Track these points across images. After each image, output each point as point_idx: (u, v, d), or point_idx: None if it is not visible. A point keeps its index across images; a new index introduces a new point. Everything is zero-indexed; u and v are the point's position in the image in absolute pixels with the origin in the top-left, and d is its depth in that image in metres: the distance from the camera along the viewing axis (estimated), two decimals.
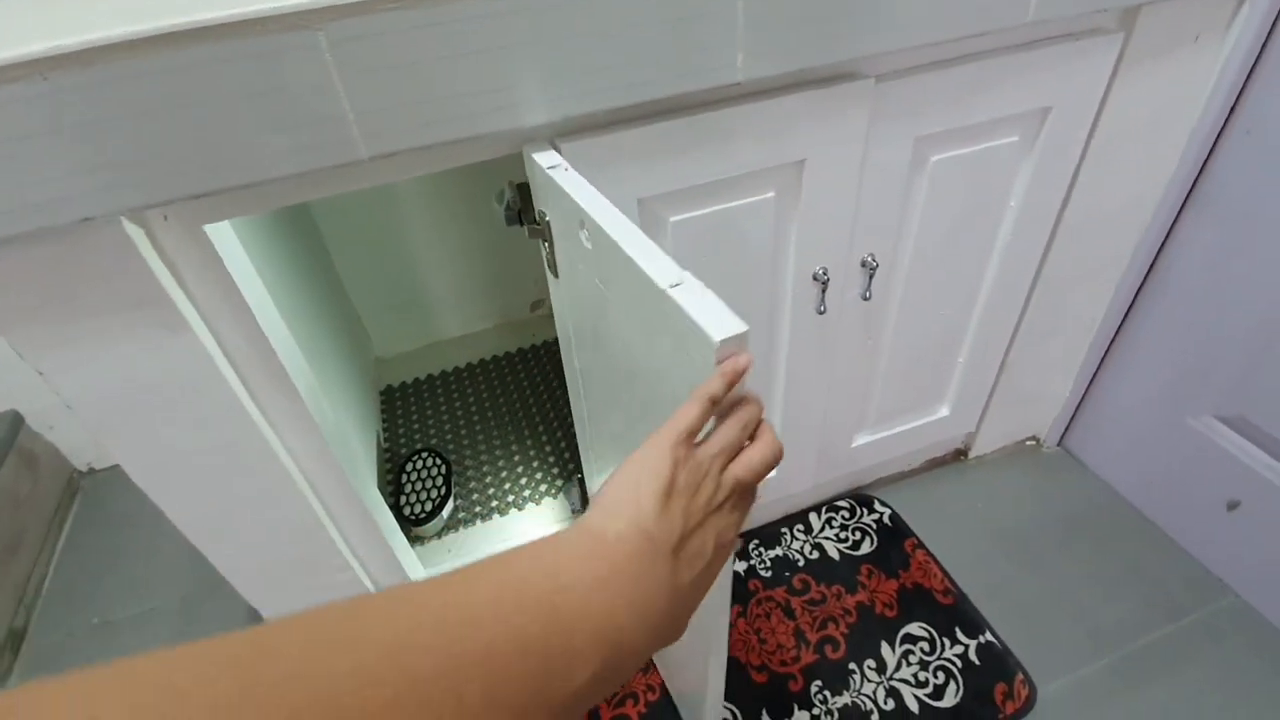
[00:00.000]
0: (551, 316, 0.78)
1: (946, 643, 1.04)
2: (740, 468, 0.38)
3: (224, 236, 0.62)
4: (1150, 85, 0.86)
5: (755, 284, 0.83)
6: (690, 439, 0.37)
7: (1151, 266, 1.06)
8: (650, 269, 0.44)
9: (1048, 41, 0.77)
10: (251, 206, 0.60)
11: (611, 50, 0.57)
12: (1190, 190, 0.97)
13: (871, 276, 0.87)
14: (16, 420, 1.36)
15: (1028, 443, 1.35)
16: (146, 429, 0.64)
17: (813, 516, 1.24)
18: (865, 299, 0.89)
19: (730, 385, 0.38)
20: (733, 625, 1.09)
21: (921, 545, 1.18)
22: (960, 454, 1.33)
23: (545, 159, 0.61)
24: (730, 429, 0.38)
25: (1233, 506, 1.05)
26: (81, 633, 1.24)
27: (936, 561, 1.15)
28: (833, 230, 0.81)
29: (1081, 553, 1.17)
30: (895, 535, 1.19)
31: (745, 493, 0.38)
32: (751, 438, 0.39)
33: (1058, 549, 1.18)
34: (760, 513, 1.21)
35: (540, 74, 0.57)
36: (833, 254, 0.84)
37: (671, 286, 0.42)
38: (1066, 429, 1.31)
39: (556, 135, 0.64)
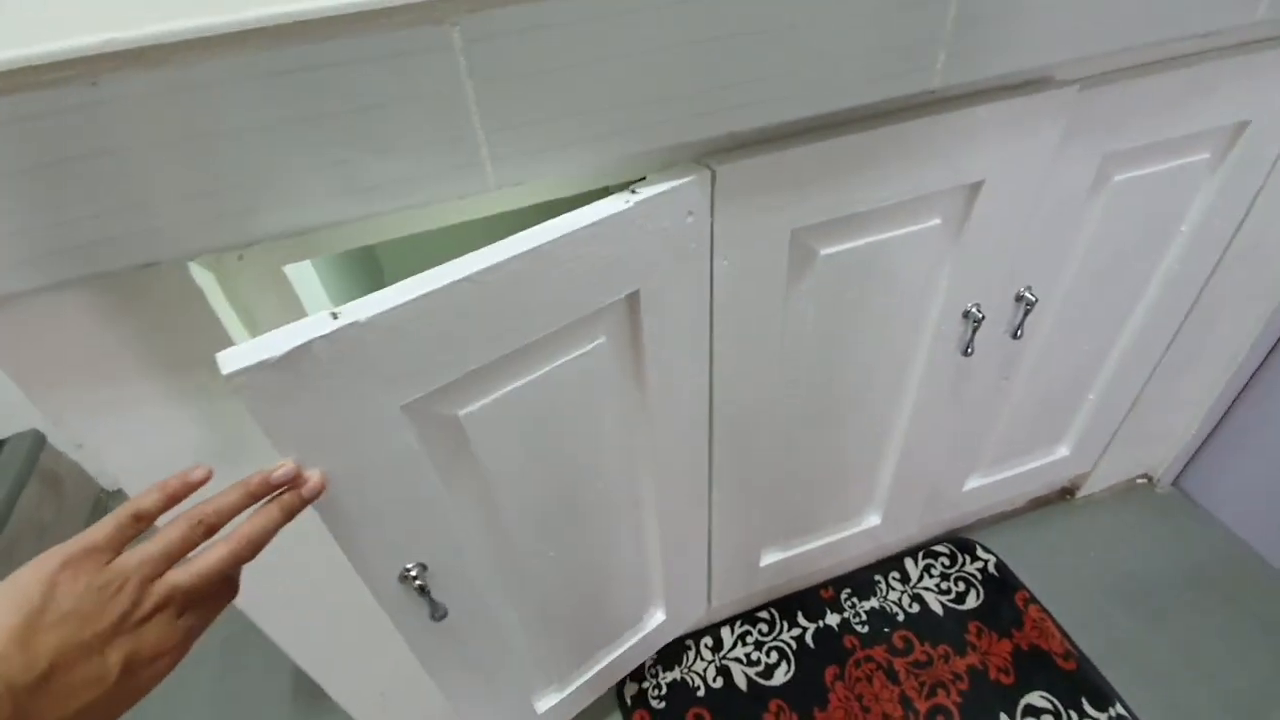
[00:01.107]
0: None
1: (1074, 715, 0.93)
2: (181, 574, 0.34)
3: (304, 276, 0.50)
4: None
5: (893, 323, 0.71)
6: (93, 556, 0.32)
7: None
8: None
9: (1267, 44, 0.65)
10: (341, 242, 0.49)
11: (795, 52, 0.46)
12: None
13: (1027, 313, 0.75)
14: (38, 441, 1.26)
15: (1139, 481, 1.23)
16: None
17: (909, 563, 1.12)
18: (1016, 337, 0.77)
19: (171, 501, 0.36)
20: (830, 689, 0.98)
21: (1034, 599, 1.06)
22: (1067, 493, 1.21)
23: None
24: (168, 534, 0.35)
25: None
26: None
27: (1052, 618, 1.04)
28: (994, 263, 0.69)
29: (1211, 607, 1.05)
30: (1003, 587, 1.08)
31: (190, 597, 0.35)
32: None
33: (1182, 603, 1.06)
34: (849, 558, 1.10)
35: (705, 80, 0.45)
36: (989, 289, 0.72)
37: None
38: (1184, 468, 1.19)
39: (705, 154, 0.52)
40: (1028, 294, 0.74)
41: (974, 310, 0.72)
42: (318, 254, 0.49)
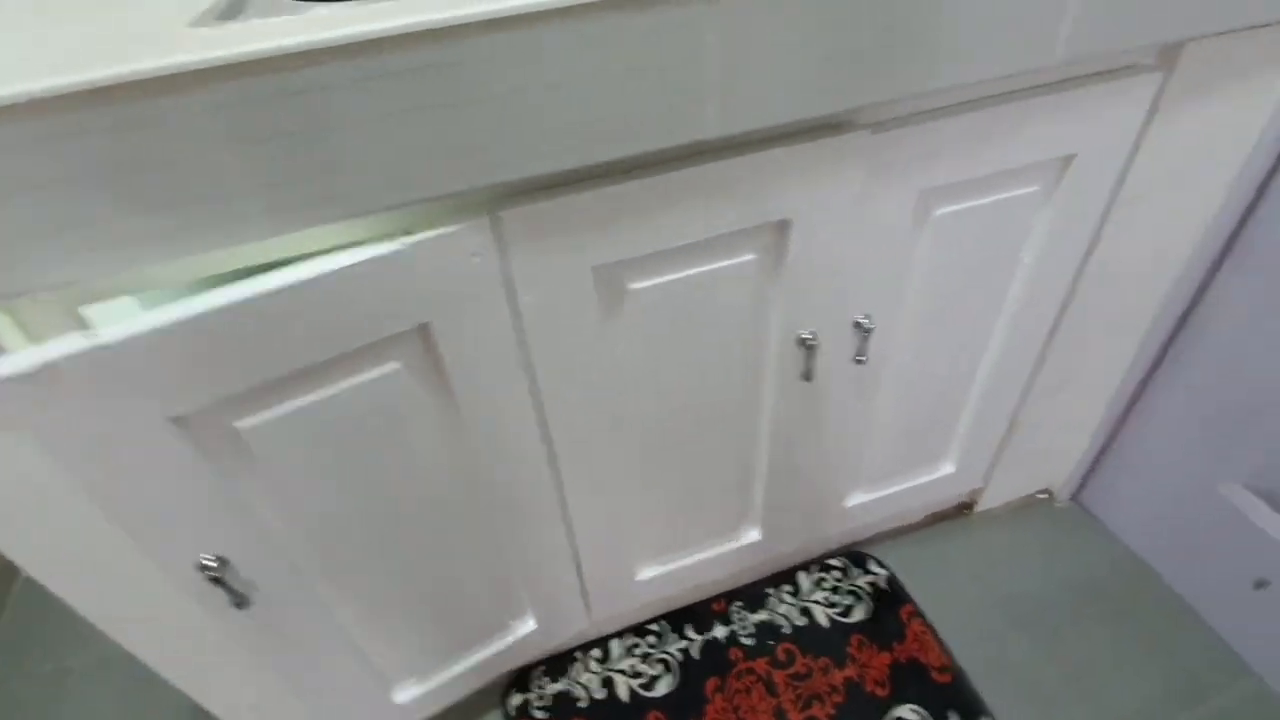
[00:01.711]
0: None
1: None
2: None
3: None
4: (1191, 127, 0.75)
5: (732, 350, 0.73)
6: None
7: (1183, 321, 0.96)
8: None
9: (1075, 83, 0.67)
10: (147, 282, 0.51)
11: (573, 106, 0.48)
12: (1230, 241, 0.86)
13: (866, 339, 0.78)
14: None
15: (1039, 496, 1.25)
16: None
17: (802, 576, 1.14)
18: (859, 362, 0.80)
19: None
20: (709, 700, 1.00)
21: (919, 614, 1.08)
22: (965, 508, 1.24)
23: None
24: None
25: (1260, 585, 0.95)
26: (35, 680, 1.17)
27: (934, 633, 1.06)
28: (821, 293, 0.72)
29: (1097, 623, 1.07)
30: (891, 601, 1.10)
31: None
32: None
33: (1071, 619, 1.08)
34: (744, 571, 1.12)
35: (466, 138, 0.47)
36: (821, 317, 0.74)
37: None
38: (1082, 484, 1.21)
39: (495, 200, 0.55)
40: (865, 321, 0.76)
41: (808, 337, 0.74)
42: (121, 294, 0.51)
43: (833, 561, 1.16)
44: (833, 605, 1.10)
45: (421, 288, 0.53)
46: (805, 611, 1.10)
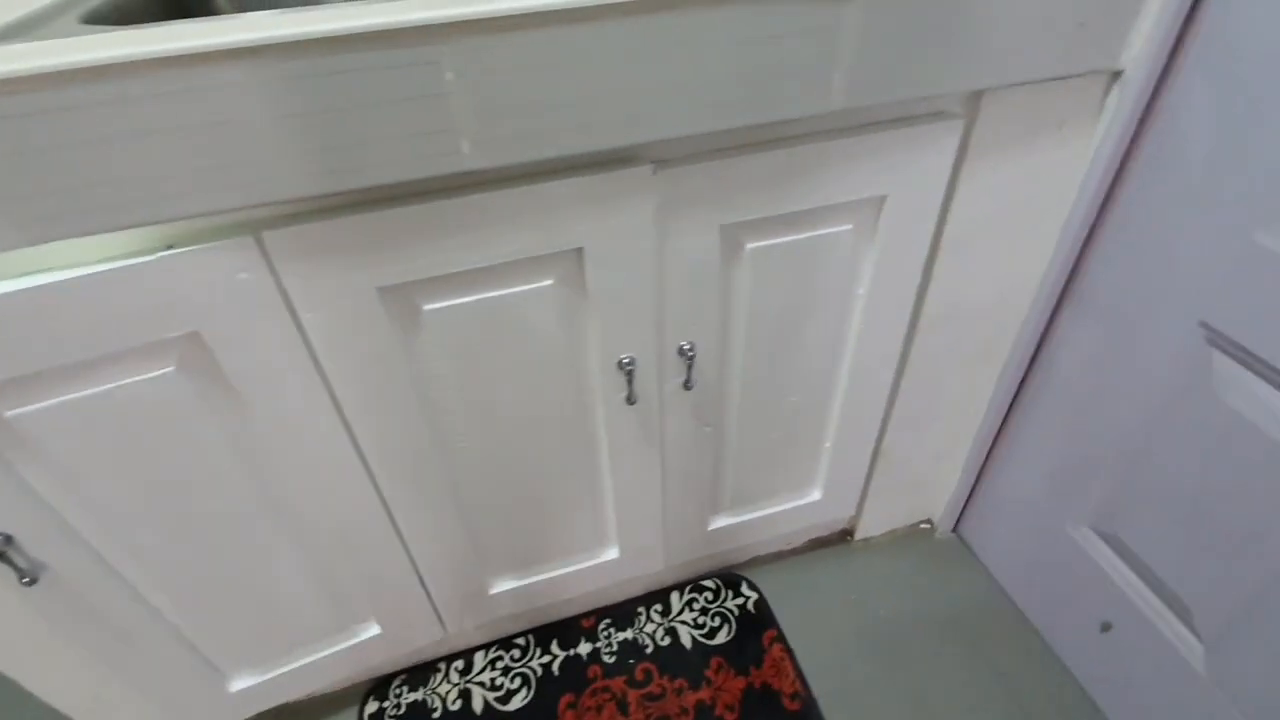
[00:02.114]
0: None
1: None
2: None
3: None
4: (1008, 175, 0.77)
5: (554, 372, 0.75)
6: None
7: (1034, 359, 0.98)
8: None
9: (875, 127, 0.69)
10: None
11: (314, 135, 0.50)
12: (1065, 287, 0.89)
13: (690, 366, 0.80)
14: None
15: (922, 526, 1.27)
16: None
17: (674, 596, 1.16)
18: (688, 388, 0.82)
19: None
20: (560, 717, 1.01)
21: (781, 639, 1.09)
22: (846, 535, 1.25)
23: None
24: None
25: (1105, 628, 0.96)
26: None
27: (793, 658, 1.07)
28: (635, 319, 0.74)
29: (954, 655, 1.08)
30: (756, 625, 1.11)
31: None
32: None
33: (929, 649, 1.09)
34: (617, 589, 1.13)
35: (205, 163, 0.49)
36: (639, 343, 0.76)
37: None
38: (960, 516, 1.23)
39: (265, 221, 0.57)
40: (687, 348, 0.79)
41: (626, 362, 0.76)
42: None
43: (706, 582, 1.17)
44: (699, 626, 1.11)
45: (189, 298, 0.56)
46: (671, 631, 1.11)
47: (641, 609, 1.14)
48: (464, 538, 0.88)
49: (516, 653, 1.09)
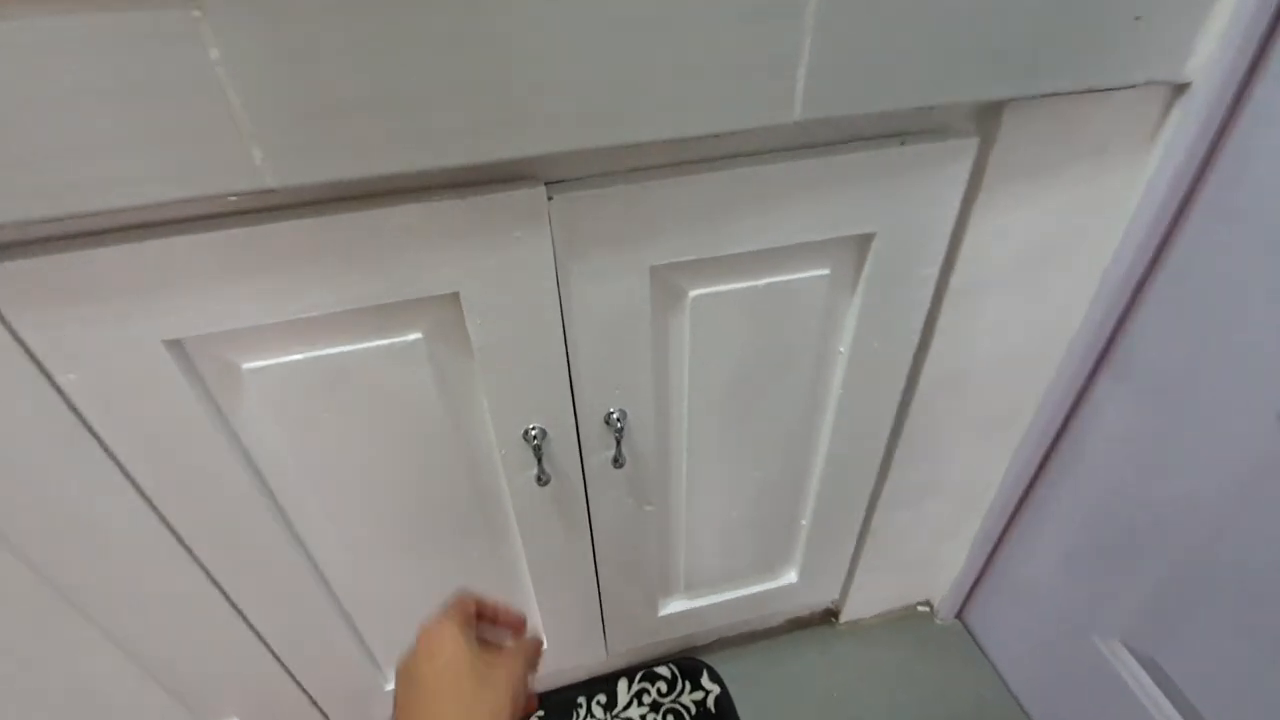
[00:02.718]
0: None
1: None
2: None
3: None
4: (1034, 211, 0.60)
5: (436, 446, 0.59)
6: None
7: (1062, 432, 0.80)
8: None
9: (856, 146, 0.52)
10: None
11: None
12: (1103, 351, 0.71)
13: (620, 438, 0.63)
14: None
15: (920, 608, 1.08)
16: None
17: (622, 684, 0.98)
18: (618, 465, 0.65)
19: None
20: None
21: None
22: (830, 615, 1.07)
23: None
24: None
25: None
26: None
27: None
28: (539, 381, 0.57)
29: None
30: None
31: None
32: None
33: None
34: (557, 676, 0.97)
35: None
36: (548, 411, 0.59)
37: None
38: (966, 600, 1.04)
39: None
40: (616, 417, 0.62)
41: (535, 433, 0.60)
42: None
43: (661, 670, 1.00)
44: None
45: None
46: None
47: (582, 699, 0.97)
48: (349, 635, 0.72)
49: None
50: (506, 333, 0.53)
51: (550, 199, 0.47)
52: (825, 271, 0.59)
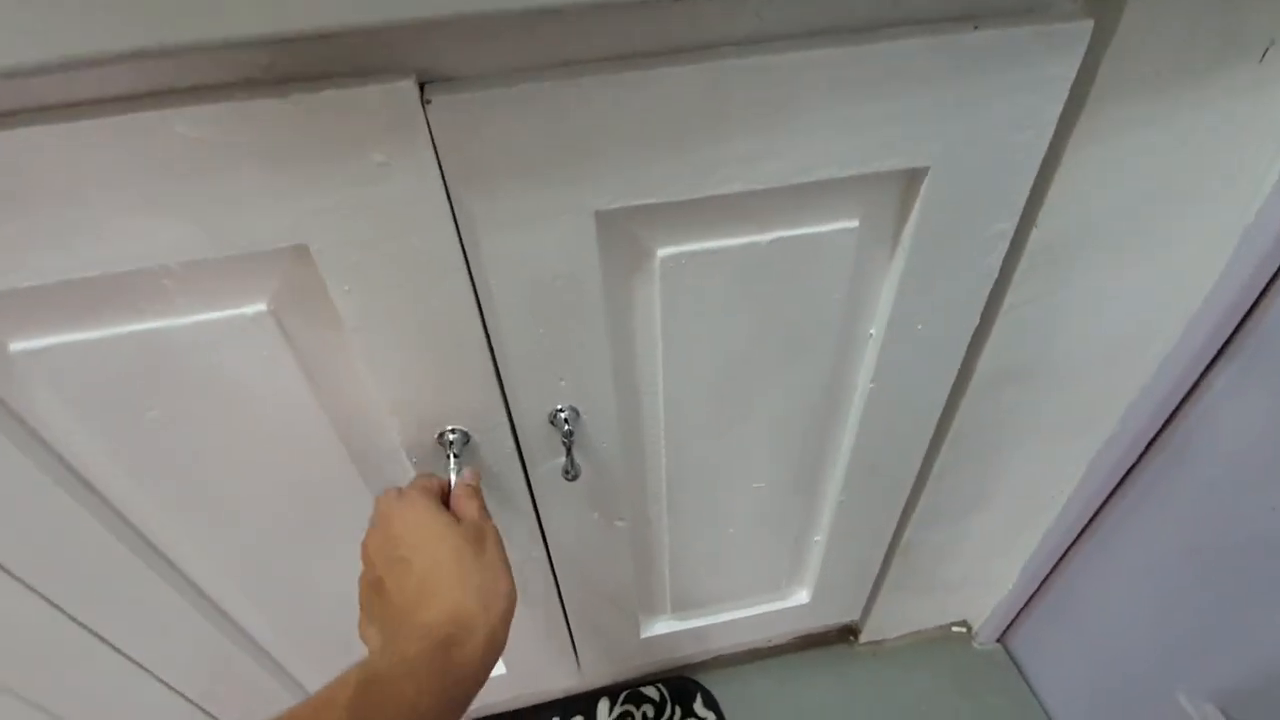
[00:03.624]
0: None
1: None
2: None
3: None
4: (1159, 138, 0.42)
5: (314, 448, 0.44)
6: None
7: (1159, 436, 0.62)
8: None
9: (908, 30, 0.35)
10: None
11: None
12: (1233, 334, 0.52)
13: (569, 442, 0.47)
14: None
15: (954, 629, 0.92)
16: None
17: (602, 707, 0.85)
18: (570, 477, 0.49)
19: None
20: None
21: None
22: (849, 633, 0.92)
23: None
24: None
25: None
26: None
27: None
28: (451, 370, 0.42)
29: None
30: None
31: None
32: None
33: None
34: (527, 694, 0.84)
35: None
36: (467, 409, 0.44)
37: None
38: (1011, 623, 0.88)
39: None
40: (563, 414, 0.46)
41: (452, 438, 0.45)
42: None
43: (648, 690, 0.87)
44: None
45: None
46: None
47: (556, 719, 0.84)
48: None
49: None
50: (390, 302, 0.37)
51: (427, 102, 0.31)
52: (853, 224, 0.42)
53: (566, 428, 0.46)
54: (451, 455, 0.44)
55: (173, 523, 0.47)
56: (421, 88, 0.31)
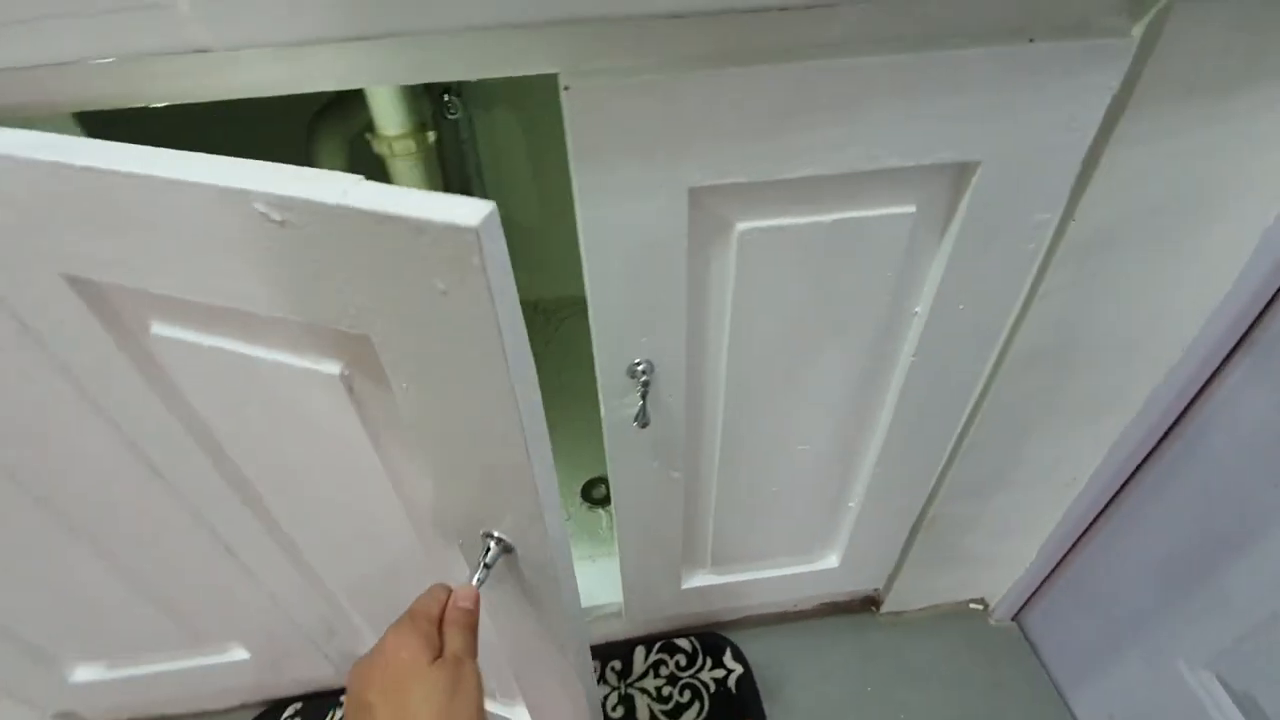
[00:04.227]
0: None
1: None
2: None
3: None
4: (1191, 142, 0.47)
5: None
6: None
7: (1176, 425, 0.67)
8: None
9: (970, 39, 0.40)
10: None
11: None
12: (1249, 330, 0.57)
13: (645, 393, 0.54)
14: None
15: (972, 605, 0.98)
16: None
17: (639, 653, 0.92)
18: (641, 424, 0.56)
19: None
20: None
21: None
22: (871, 603, 0.98)
23: None
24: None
25: None
26: None
27: None
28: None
29: None
30: (735, 709, 0.87)
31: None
32: None
33: None
34: None
35: None
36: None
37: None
38: (1026, 602, 0.93)
39: None
40: (640, 367, 0.53)
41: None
42: None
43: (681, 642, 0.93)
44: (663, 699, 0.88)
45: None
46: (627, 701, 0.88)
47: (595, 663, 0.91)
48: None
49: None
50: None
51: (565, 88, 0.37)
52: (909, 209, 0.47)
53: (644, 379, 0.53)
54: (482, 563, 0.44)
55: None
56: (564, 80, 0.37)
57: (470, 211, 0.27)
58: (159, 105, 0.41)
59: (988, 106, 0.42)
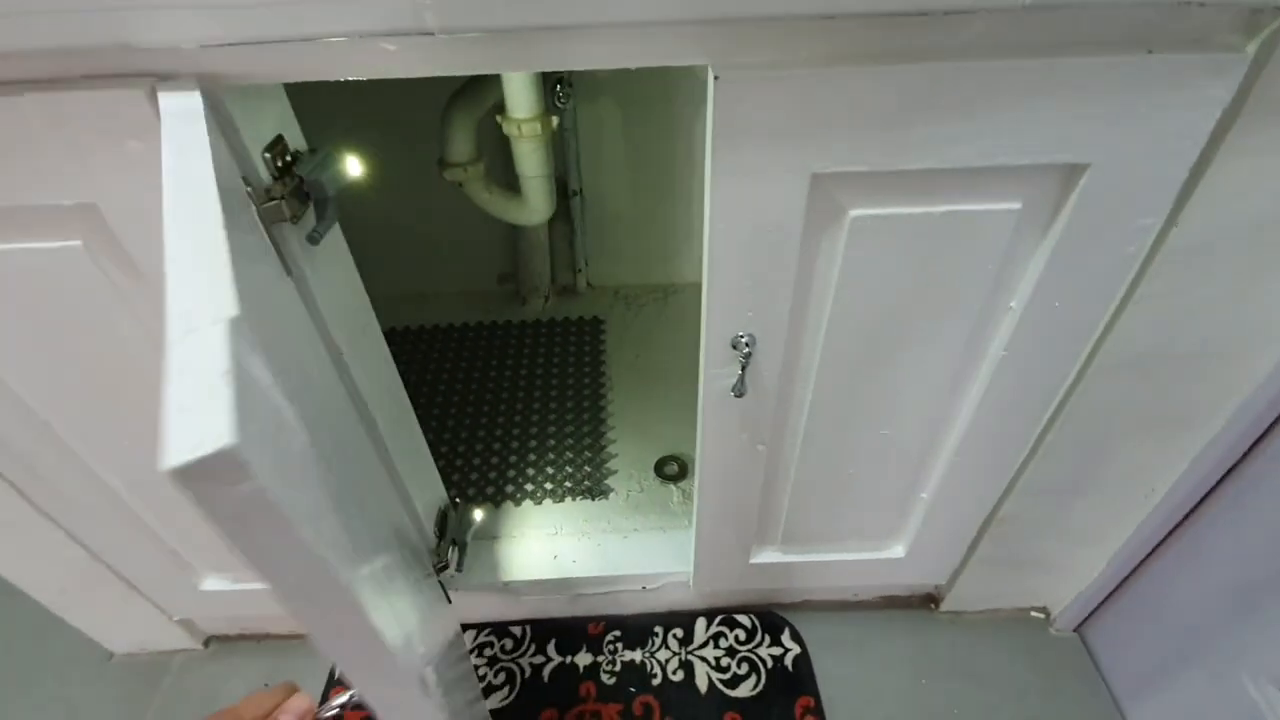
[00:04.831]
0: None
1: None
2: None
3: None
4: None
5: None
6: None
7: (1264, 438, 0.67)
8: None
9: (1092, 48, 0.43)
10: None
11: None
12: None
13: (745, 365, 0.59)
14: None
15: (1034, 613, 0.99)
16: None
17: (700, 624, 0.97)
18: (737, 395, 0.61)
19: None
20: None
21: (818, 711, 0.88)
22: (930, 601, 1.00)
23: None
24: None
25: None
26: None
27: None
28: None
29: None
30: (790, 686, 0.90)
31: None
32: None
33: None
34: (635, 600, 0.96)
35: None
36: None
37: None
38: (1090, 614, 0.94)
39: None
40: (744, 340, 0.57)
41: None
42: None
43: (741, 618, 0.97)
44: (721, 669, 0.92)
45: None
46: (686, 666, 0.93)
47: (659, 629, 0.96)
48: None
49: (509, 643, 0.96)
50: None
51: (716, 78, 0.42)
52: (1016, 206, 0.51)
53: (746, 350, 0.57)
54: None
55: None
56: (712, 72, 0.42)
57: None
58: (351, 78, 0.48)
59: (1103, 112, 0.45)
